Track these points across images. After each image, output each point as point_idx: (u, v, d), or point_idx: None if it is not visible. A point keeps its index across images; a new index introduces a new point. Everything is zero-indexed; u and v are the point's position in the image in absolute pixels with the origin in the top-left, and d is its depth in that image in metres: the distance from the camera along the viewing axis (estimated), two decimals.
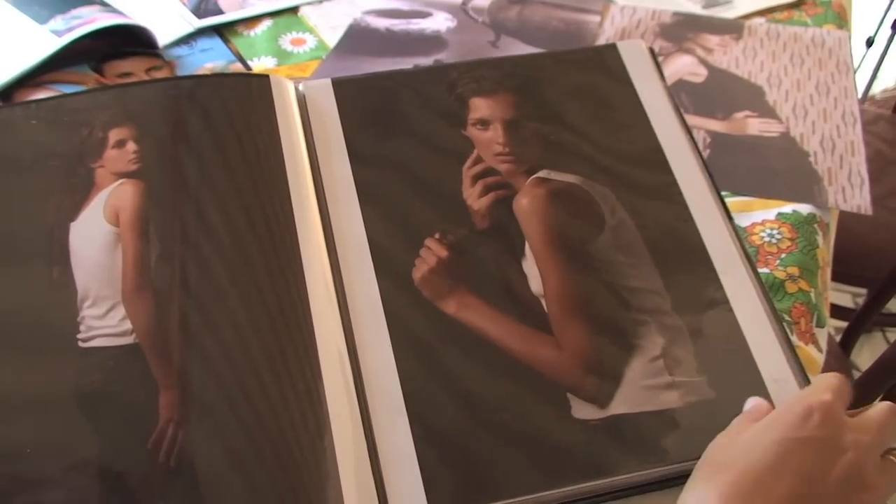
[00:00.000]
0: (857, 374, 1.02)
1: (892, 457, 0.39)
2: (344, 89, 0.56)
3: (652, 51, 0.60)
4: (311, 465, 0.40)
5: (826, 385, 0.40)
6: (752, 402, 0.43)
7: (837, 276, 1.06)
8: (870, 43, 1.61)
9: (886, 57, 1.57)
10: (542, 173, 0.52)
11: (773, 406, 0.42)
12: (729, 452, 0.38)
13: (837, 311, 1.30)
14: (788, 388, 0.45)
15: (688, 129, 0.55)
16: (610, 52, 0.59)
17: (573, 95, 0.56)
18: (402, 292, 0.47)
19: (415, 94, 0.56)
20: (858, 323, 1.04)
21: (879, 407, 0.40)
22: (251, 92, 0.53)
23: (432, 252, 0.48)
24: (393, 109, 0.55)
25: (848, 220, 0.80)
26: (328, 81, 0.56)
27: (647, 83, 0.57)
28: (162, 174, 0.49)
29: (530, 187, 0.51)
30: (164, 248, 0.46)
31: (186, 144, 0.50)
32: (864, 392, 0.68)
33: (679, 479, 0.41)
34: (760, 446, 0.37)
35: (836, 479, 0.36)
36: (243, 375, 0.42)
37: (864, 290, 1.47)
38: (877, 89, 1.74)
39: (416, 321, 0.46)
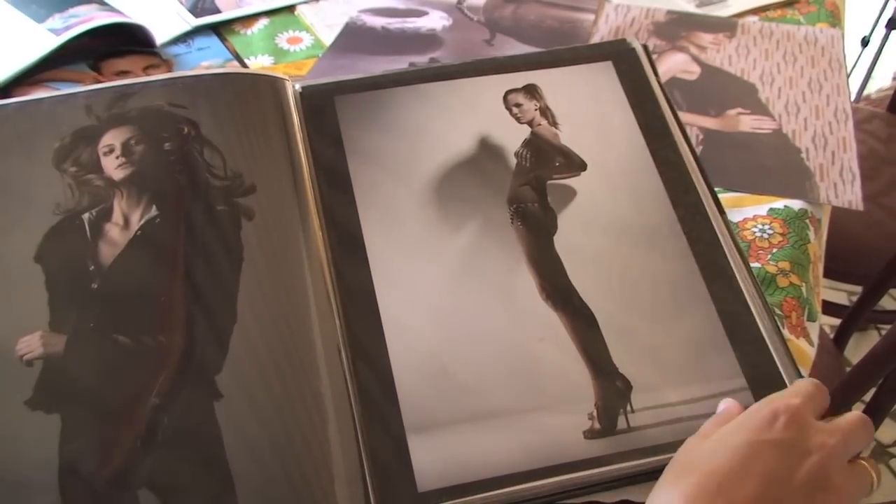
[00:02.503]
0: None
1: (860, 461, 0.39)
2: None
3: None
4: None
5: (797, 389, 0.40)
6: (724, 405, 0.43)
7: (831, 274, 1.06)
8: (865, 43, 1.62)
9: (881, 56, 1.58)
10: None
11: (744, 408, 0.42)
12: (696, 454, 0.38)
13: (833, 308, 1.31)
14: None
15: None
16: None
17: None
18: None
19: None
20: (851, 319, 1.05)
21: (850, 414, 0.40)
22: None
23: None
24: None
25: (842, 218, 0.81)
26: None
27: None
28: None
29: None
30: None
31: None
32: (854, 385, 0.69)
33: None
34: (726, 448, 0.37)
35: (801, 481, 0.36)
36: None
37: (859, 288, 1.48)
38: (872, 88, 1.75)
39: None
